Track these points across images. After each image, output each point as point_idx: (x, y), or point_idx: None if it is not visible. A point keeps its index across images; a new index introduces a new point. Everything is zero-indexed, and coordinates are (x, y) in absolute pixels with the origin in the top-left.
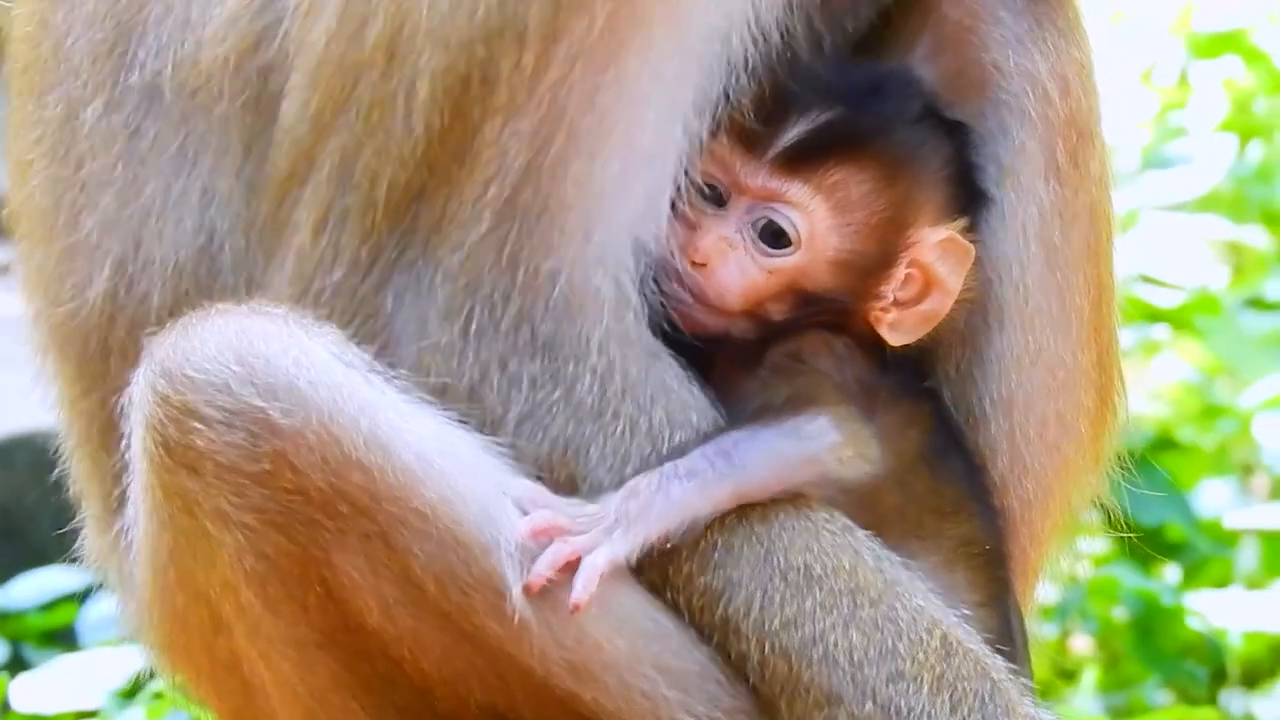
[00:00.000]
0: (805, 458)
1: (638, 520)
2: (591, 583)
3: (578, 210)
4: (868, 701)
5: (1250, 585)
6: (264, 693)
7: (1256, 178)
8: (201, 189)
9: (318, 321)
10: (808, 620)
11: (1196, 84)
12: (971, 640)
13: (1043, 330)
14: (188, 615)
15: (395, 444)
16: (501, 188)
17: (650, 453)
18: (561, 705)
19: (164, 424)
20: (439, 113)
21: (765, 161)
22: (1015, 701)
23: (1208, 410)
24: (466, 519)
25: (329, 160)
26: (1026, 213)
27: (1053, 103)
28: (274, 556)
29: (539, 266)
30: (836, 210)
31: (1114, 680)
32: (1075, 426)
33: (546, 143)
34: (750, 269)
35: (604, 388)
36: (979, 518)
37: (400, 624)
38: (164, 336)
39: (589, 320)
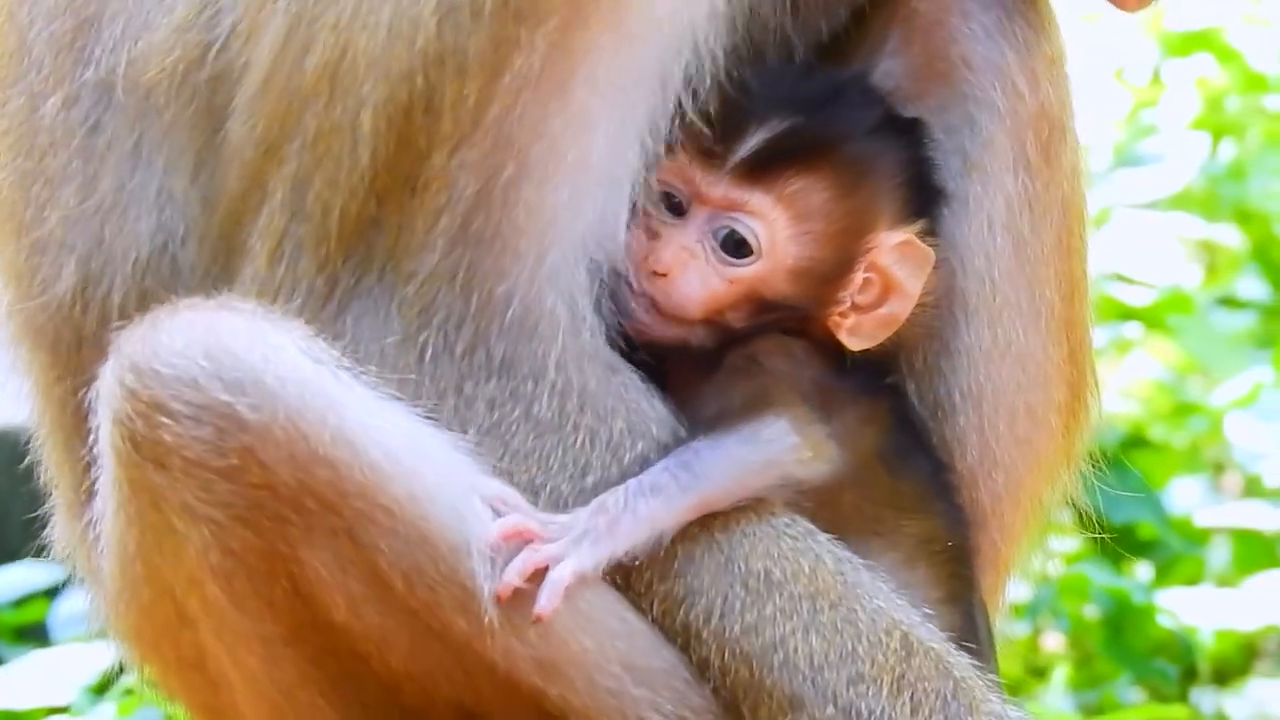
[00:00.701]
0: (765, 462)
1: (605, 535)
2: (557, 596)
3: (530, 235)
4: (829, 705)
5: (1221, 583)
6: (230, 688)
7: (1229, 176)
8: (158, 188)
9: (285, 317)
10: (768, 626)
11: (1169, 82)
12: (934, 639)
13: (1012, 323)
14: (154, 609)
15: (363, 440)
16: (453, 216)
17: (611, 462)
18: (528, 702)
19: (131, 419)
20: (385, 142)
21: (726, 171)
22: (979, 699)
23: (1179, 408)
24: (434, 516)
25: (280, 188)
26: (993, 205)
27: (1022, 96)
28: (240, 552)
29: (493, 290)
30: (797, 219)
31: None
32: (1046, 421)
33: (496, 171)
34: (711, 278)
35: (563, 403)
36: (941, 515)
37: (367, 620)
38: (132, 331)
39: (545, 340)
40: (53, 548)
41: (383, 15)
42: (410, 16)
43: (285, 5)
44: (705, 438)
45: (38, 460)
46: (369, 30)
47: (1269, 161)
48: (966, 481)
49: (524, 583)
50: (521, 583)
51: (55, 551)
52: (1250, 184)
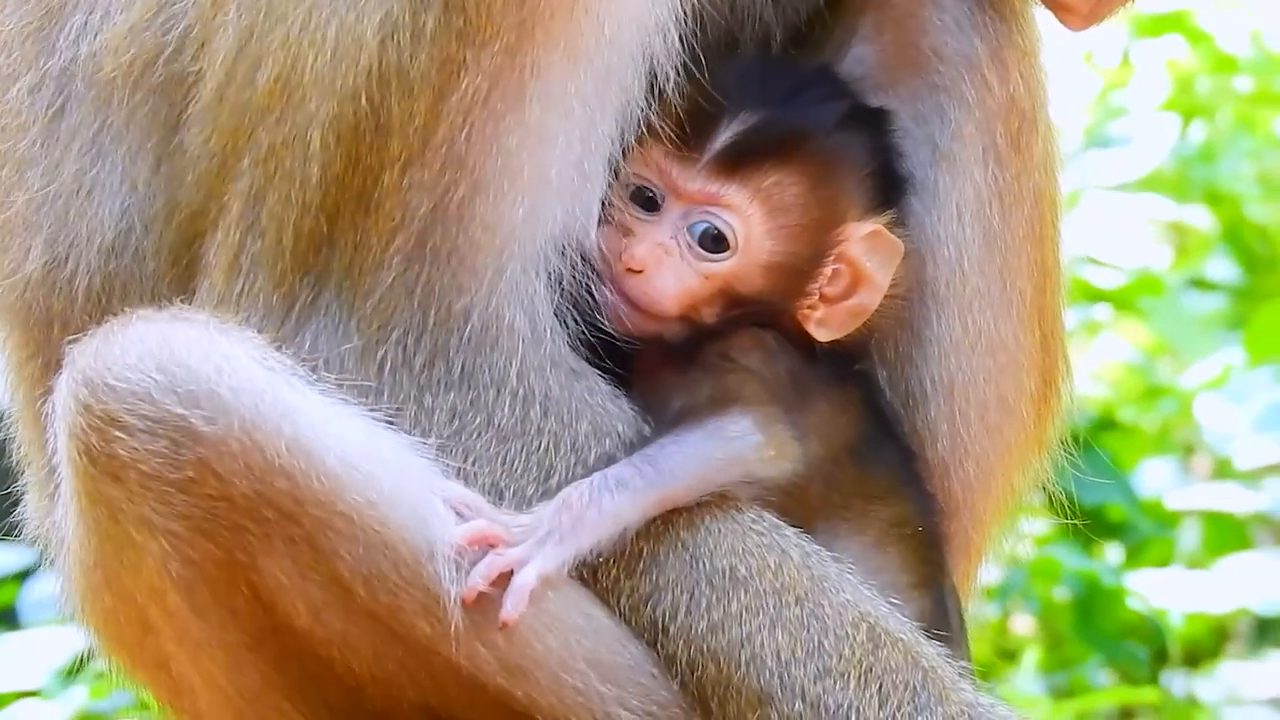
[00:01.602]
0: (728, 459)
1: (570, 533)
2: (522, 601)
3: (487, 250)
4: (797, 700)
5: (1191, 565)
6: (193, 692)
7: (1199, 158)
8: (120, 177)
9: (239, 327)
10: (734, 623)
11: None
12: (902, 630)
13: (983, 313)
14: (117, 614)
15: (318, 449)
16: (408, 233)
17: (576, 464)
18: (494, 702)
19: (86, 433)
20: (336, 160)
21: (701, 165)
22: (949, 688)
23: (1149, 391)
24: (394, 521)
25: (235, 202)
26: (962, 196)
27: (991, 88)
28: (200, 562)
29: (451, 305)
30: (772, 214)
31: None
32: (1017, 409)
33: (449, 189)
34: (686, 274)
35: (525, 410)
36: (910, 501)
37: (329, 625)
38: (86, 344)
39: (505, 352)
40: (22, 530)
41: (329, 33)
42: (355, 35)
43: (236, 18)
44: (670, 433)
45: (6, 443)
46: (316, 48)
47: (1239, 143)
48: (938, 470)
49: (489, 587)
50: (486, 587)
51: (26, 533)
52: (1220, 166)
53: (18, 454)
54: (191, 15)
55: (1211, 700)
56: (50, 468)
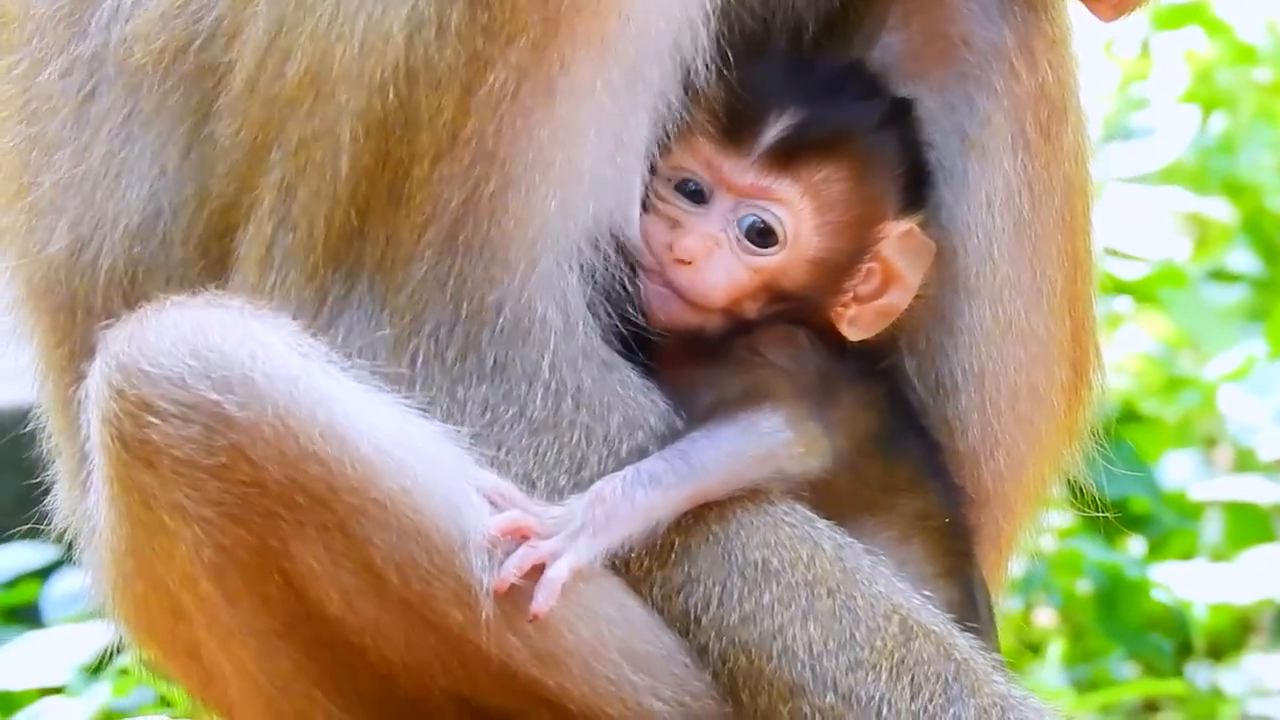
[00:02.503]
0: (760, 455)
1: (603, 527)
2: (554, 594)
3: (519, 243)
4: (829, 693)
5: (1215, 557)
6: (224, 680)
7: (1219, 149)
8: (149, 162)
9: (273, 313)
10: (766, 615)
11: (1158, 55)
12: (935, 622)
13: (1013, 302)
14: (148, 602)
15: (352, 435)
16: (439, 227)
17: (608, 456)
18: (526, 691)
19: (120, 419)
20: (366, 154)
21: (752, 159)
22: (981, 680)
23: (1171, 382)
24: (427, 509)
25: (267, 195)
26: (992, 185)
27: (1020, 77)
28: (232, 548)
29: (483, 299)
30: (820, 209)
31: (1078, 653)
32: (1048, 399)
33: (480, 183)
34: (735, 267)
35: (558, 403)
36: (936, 493)
37: (361, 613)
38: (119, 329)
39: (537, 345)
40: (45, 528)
41: (357, 26)
42: (381, 29)
43: (266, 9)
44: (702, 428)
45: (29, 440)
46: (344, 41)
47: (1259, 134)
48: (969, 461)
49: (521, 579)
50: (519, 580)
51: (55, 522)
52: (1240, 157)
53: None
54: (222, 5)
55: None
56: (82, 455)
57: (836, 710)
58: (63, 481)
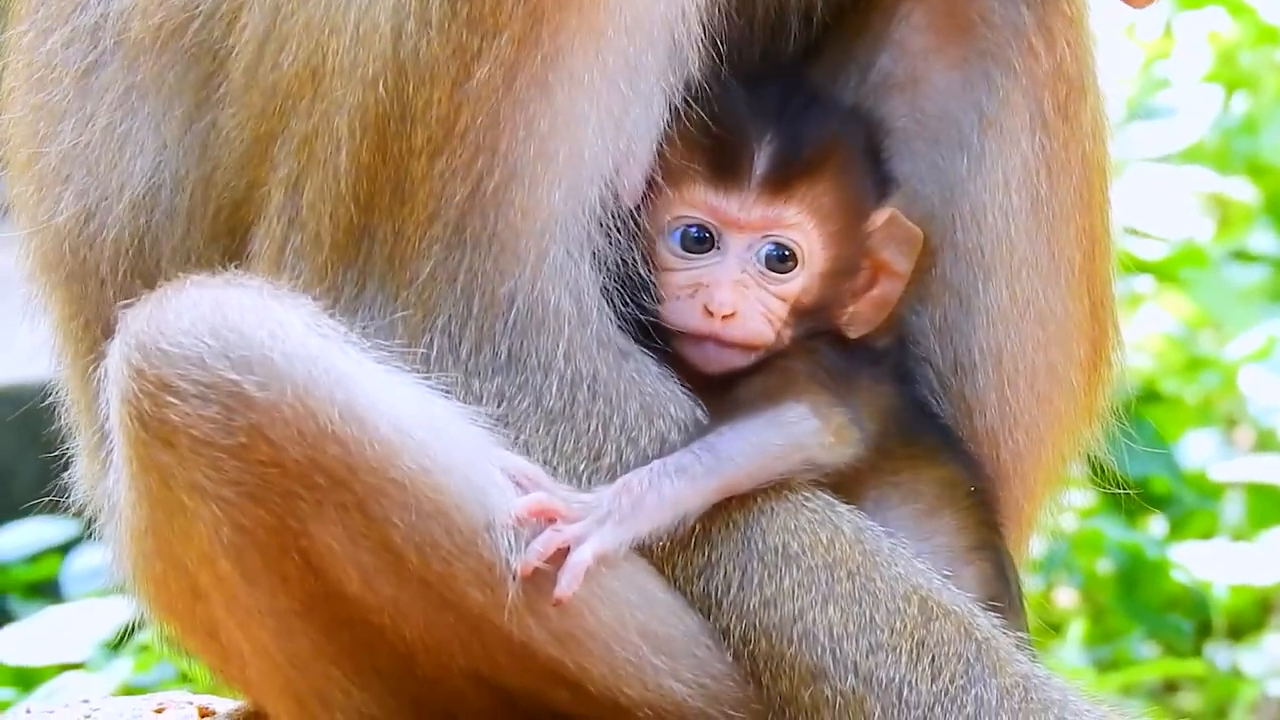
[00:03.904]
0: (788, 445)
1: (629, 516)
2: (577, 579)
3: (527, 235)
4: (849, 675)
5: (1236, 537)
6: (241, 659)
7: (1241, 130)
8: (151, 133)
9: (292, 293)
10: (786, 599)
11: (1181, 36)
12: (955, 602)
13: (1031, 281)
14: (167, 581)
15: (372, 415)
16: (445, 222)
17: (626, 445)
18: (545, 671)
19: (139, 398)
20: (363, 150)
21: (752, 192)
22: (1004, 659)
23: (1192, 362)
24: (449, 489)
25: (275, 193)
26: (1009, 163)
27: (1038, 56)
28: (251, 528)
29: (495, 291)
30: (822, 223)
31: (1099, 633)
32: (1067, 378)
33: (483, 176)
34: (768, 301)
35: (573, 393)
36: (959, 465)
37: (381, 592)
38: (139, 309)
39: (551, 334)
40: (65, 503)
41: (349, 17)
42: (371, 21)
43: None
44: (728, 421)
45: (48, 416)
46: (337, 33)
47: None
48: (987, 440)
49: (544, 563)
50: (542, 563)
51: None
52: (1263, 137)
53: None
54: None
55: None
56: (101, 434)
57: (858, 693)
58: (82, 457)
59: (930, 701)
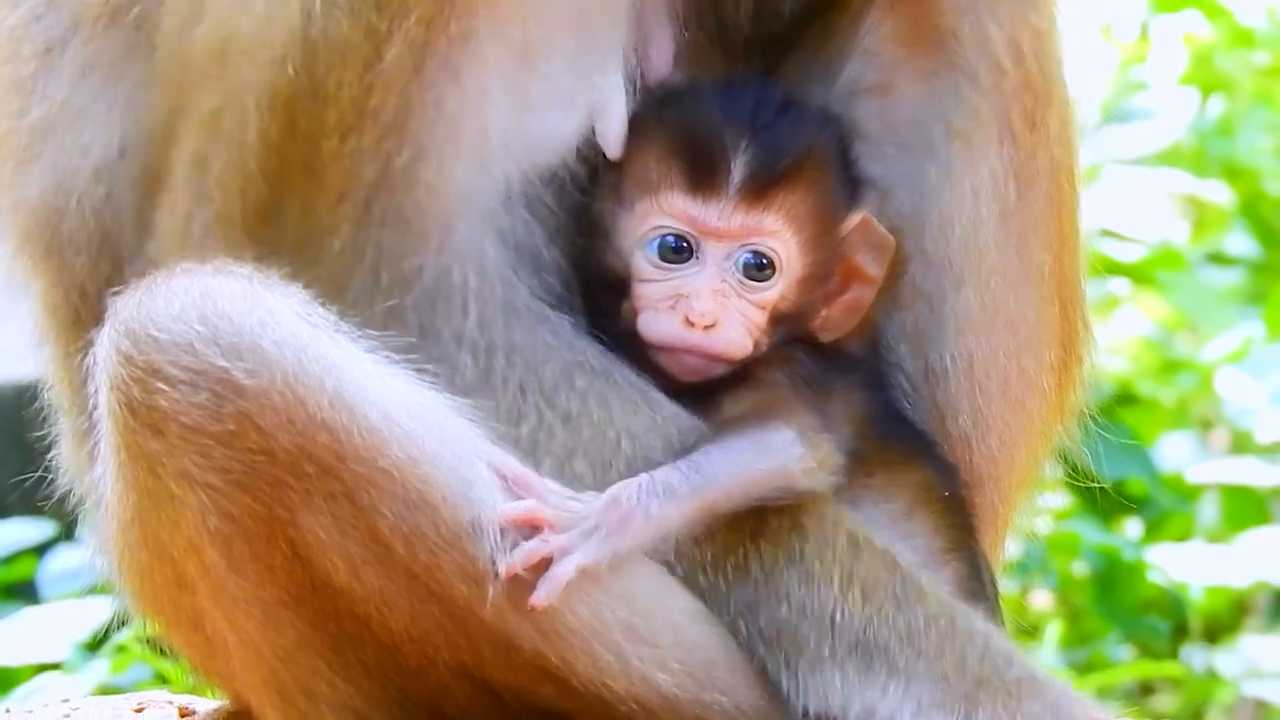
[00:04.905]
0: (771, 470)
1: (614, 531)
2: (556, 591)
3: (433, 213)
4: (782, 604)
5: (1211, 539)
6: (226, 652)
7: (1217, 132)
8: (106, 108)
9: (284, 281)
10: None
11: (1157, 39)
12: (878, 538)
13: (1001, 289)
14: (152, 572)
15: (361, 404)
16: (355, 201)
17: (546, 408)
18: (530, 665)
19: (128, 384)
20: (274, 129)
21: (730, 200)
22: (926, 591)
23: (1168, 365)
24: (435, 480)
25: (179, 168)
26: (977, 175)
27: (1006, 72)
28: (239, 517)
29: (402, 268)
30: (799, 229)
31: (1075, 635)
32: (1039, 382)
33: (393, 156)
34: (747, 310)
35: (489, 361)
36: (932, 468)
37: (368, 583)
38: (128, 295)
39: (457, 311)
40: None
41: None
42: (280, 1)
43: None
44: (716, 442)
45: (28, 416)
46: (248, 12)
47: (1257, 118)
48: (960, 445)
49: (525, 571)
50: (524, 571)
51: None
52: (1239, 140)
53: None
54: None
55: (1232, 674)
56: (90, 423)
57: (791, 622)
58: (66, 443)
59: (862, 624)
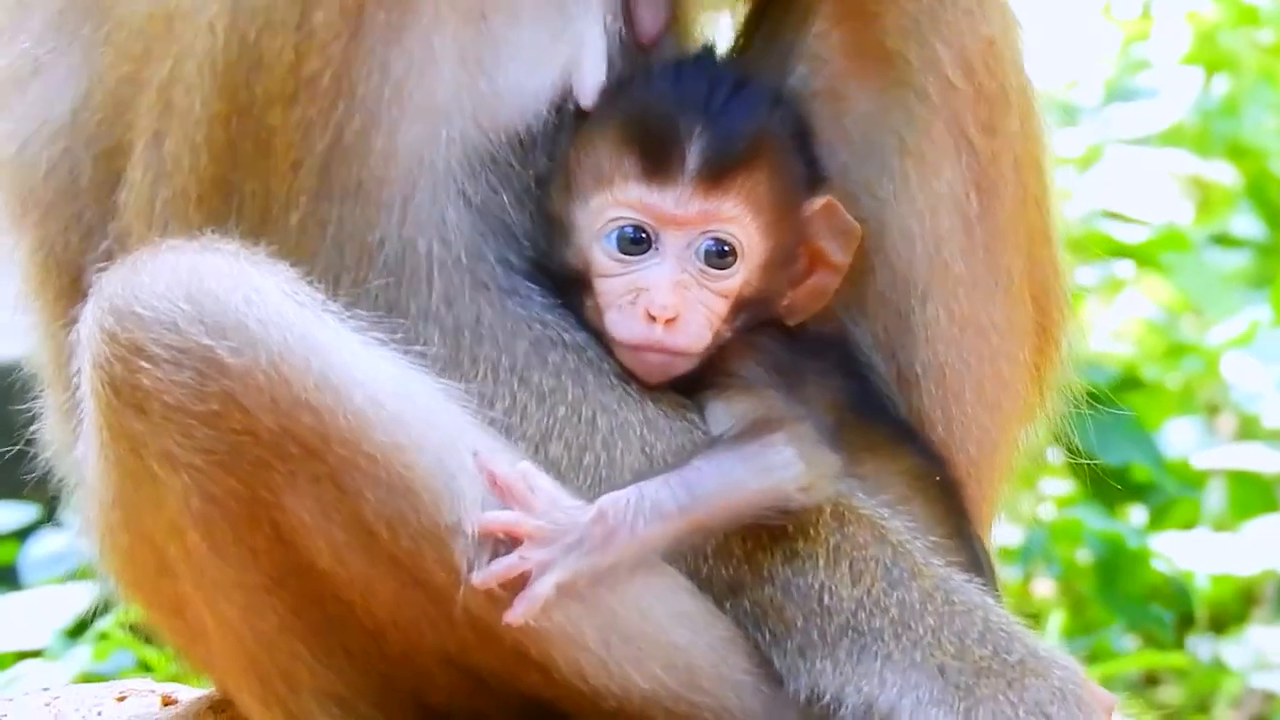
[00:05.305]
0: (767, 490)
1: (598, 547)
2: (533, 611)
3: (390, 181)
4: (766, 585)
5: (1217, 527)
6: (206, 637)
7: (1222, 112)
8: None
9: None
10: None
11: (1160, 16)
12: (866, 506)
13: (969, 299)
14: (133, 555)
15: (347, 386)
16: (310, 172)
17: (519, 387)
18: (512, 653)
19: (111, 363)
20: (217, 100)
21: (686, 188)
22: (920, 564)
23: (1173, 349)
24: (419, 465)
25: (139, 143)
26: (934, 193)
27: (957, 88)
28: (222, 498)
29: (363, 240)
30: (758, 213)
31: (1078, 625)
32: (1014, 382)
33: (343, 125)
34: (709, 300)
35: (457, 339)
36: (919, 453)
37: (351, 567)
38: (113, 273)
39: (423, 283)
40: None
41: None
42: None
43: None
44: (708, 457)
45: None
46: None
47: (1262, 96)
48: (938, 451)
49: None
50: (499, 588)
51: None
52: (1243, 120)
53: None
54: None
55: (1238, 665)
56: (74, 400)
57: (776, 602)
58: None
59: (852, 606)
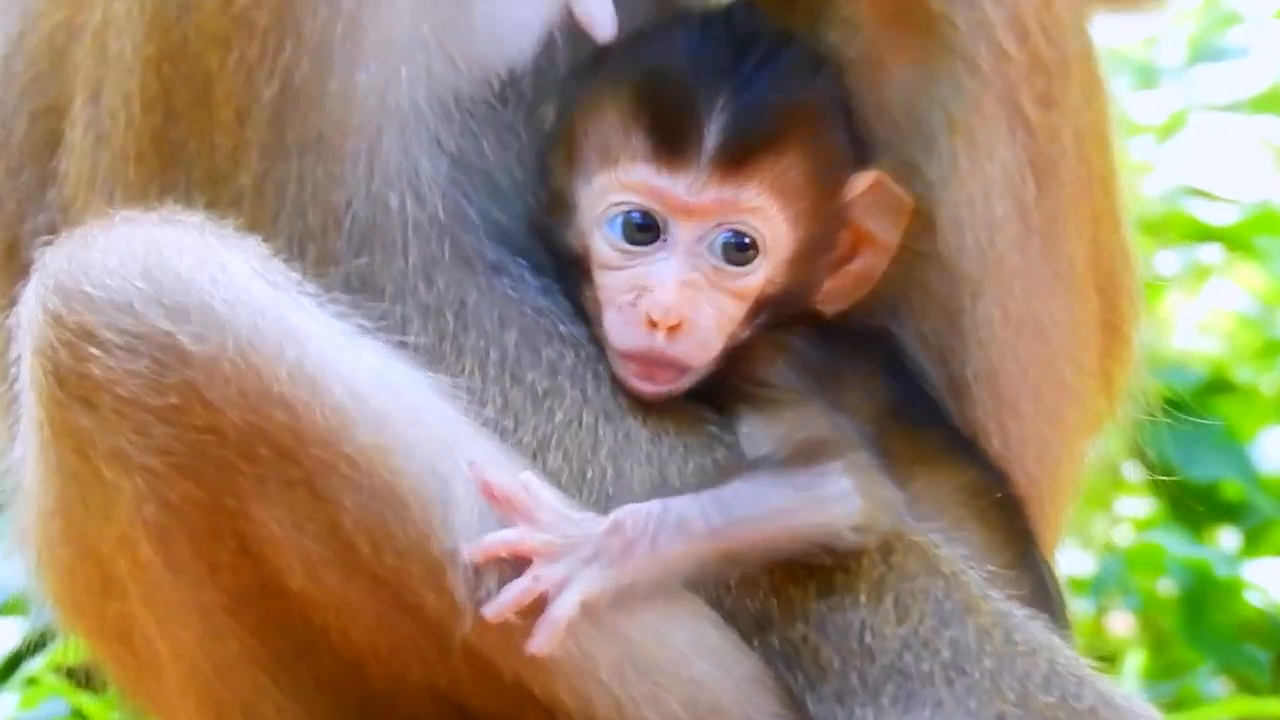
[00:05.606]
0: (815, 526)
1: (616, 560)
2: (558, 634)
3: (352, 129)
4: (798, 621)
5: None
6: (158, 668)
7: None
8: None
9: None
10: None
11: None
12: (916, 533)
13: (1025, 295)
14: (75, 573)
15: (326, 378)
16: (258, 124)
17: (511, 385)
18: (513, 688)
19: (55, 349)
20: (148, 45)
21: (702, 172)
22: (976, 597)
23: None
24: (407, 472)
25: (79, 96)
26: (987, 176)
27: (1009, 56)
28: (180, 506)
29: (328, 200)
30: (786, 202)
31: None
32: (1078, 389)
33: (291, 69)
34: (723, 302)
35: (439, 324)
36: (976, 466)
37: (326, 587)
38: (59, 247)
39: (399, 253)
40: None
41: None
42: None
43: None
44: (748, 477)
45: None
46: None
47: None
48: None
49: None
50: (514, 616)
51: None
52: None
53: None
54: None
55: None
56: (10, 396)
57: (810, 641)
58: None
59: (898, 646)
